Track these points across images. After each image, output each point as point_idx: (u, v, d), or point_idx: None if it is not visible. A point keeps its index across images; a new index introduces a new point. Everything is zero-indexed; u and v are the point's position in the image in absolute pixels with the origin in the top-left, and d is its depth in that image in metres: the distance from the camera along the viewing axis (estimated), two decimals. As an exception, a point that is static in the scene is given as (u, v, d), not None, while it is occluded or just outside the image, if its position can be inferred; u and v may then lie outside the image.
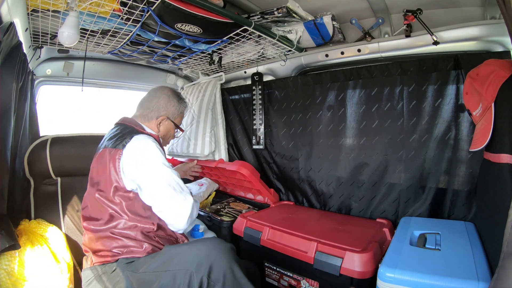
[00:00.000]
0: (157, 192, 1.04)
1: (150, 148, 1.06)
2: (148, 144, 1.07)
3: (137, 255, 1.02)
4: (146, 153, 1.05)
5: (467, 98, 1.01)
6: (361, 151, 1.50)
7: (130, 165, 1.04)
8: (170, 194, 1.03)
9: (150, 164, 1.04)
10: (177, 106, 1.31)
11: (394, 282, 0.84)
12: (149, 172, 1.04)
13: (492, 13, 1.13)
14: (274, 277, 1.30)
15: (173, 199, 1.03)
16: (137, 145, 1.06)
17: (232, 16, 1.17)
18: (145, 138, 1.08)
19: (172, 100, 1.29)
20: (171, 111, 1.29)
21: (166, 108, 1.27)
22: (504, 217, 0.66)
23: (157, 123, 1.25)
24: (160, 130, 1.27)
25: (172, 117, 1.30)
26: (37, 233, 1.11)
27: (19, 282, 0.88)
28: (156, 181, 1.04)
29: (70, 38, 1.03)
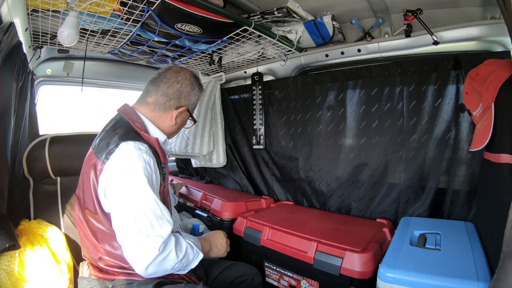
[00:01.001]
0: (121, 222, 0.83)
1: (134, 166, 0.84)
2: (133, 160, 0.84)
3: (135, 278, 0.90)
4: (126, 174, 0.83)
5: (467, 98, 1.01)
6: (361, 151, 1.50)
7: (109, 181, 0.85)
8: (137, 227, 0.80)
9: (127, 187, 0.83)
10: (198, 95, 1.11)
11: (394, 282, 0.84)
12: (122, 192, 0.83)
13: (492, 13, 1.13)
14: (274, 277, 1.30)
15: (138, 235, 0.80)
16: (121, 159, 0.85)
17: (232, 16, 1.17)
18: (133, 150, 0.85)
19: (195, 87, 1.08)
20: (192, 101, 1.09)
21: (188, 98, 1.06)
22: (504, 217, 0.66)
23: (175, 115, 1.03)
24: (176, 123, 1.06)
25: (191, 109, 1.10)
26: (37, 233, 1.11)
27: (19, 282, 0.88)
28: (126, 208, 0.82)
29: (69, 38, 1.03)
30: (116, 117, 1.00)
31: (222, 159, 1.98)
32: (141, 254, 0.80)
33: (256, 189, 1.96)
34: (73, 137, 1.37)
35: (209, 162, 2.00)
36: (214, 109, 1.97)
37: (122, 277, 0.91)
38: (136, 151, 0.85)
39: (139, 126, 0.95)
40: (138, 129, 0.94)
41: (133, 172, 0.83)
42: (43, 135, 1.33)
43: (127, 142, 0.87)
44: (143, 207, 0.82)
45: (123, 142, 0.87)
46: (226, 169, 2.09)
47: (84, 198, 0.92)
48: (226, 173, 2.12)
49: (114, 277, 0.92)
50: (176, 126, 1.07)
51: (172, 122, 1.04)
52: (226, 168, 2.08)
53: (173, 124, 1.05)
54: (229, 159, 2.02)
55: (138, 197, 0.83)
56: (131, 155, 0.85)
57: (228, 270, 1.16)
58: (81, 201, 0.94)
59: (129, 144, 0.86)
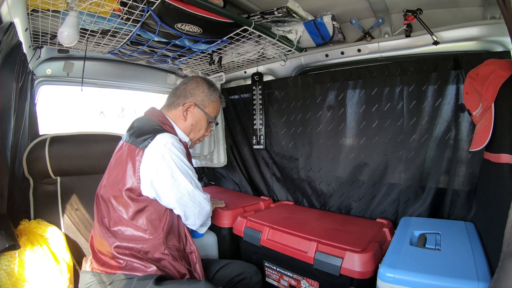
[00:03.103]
0: (179, 201, 1.00)
1: (173, 151, 0.97)
2: (172, 146, 0.98)
3: (135, 273, 0.96)
4: (168, 158, 0.97)
5: (467, 98, 1.01)
6: (361, 151, 1.50)
7: (151, 170, 0.96)
8: (191, 202, 1.02)
9: (172, 172, 0.97)
10: (207, 93, 1.17)
11: (394, 282, 0.84)
12: (171, 181, 0.98)
13: (492, 13, 1.13)
14: (274, 277, 1.30)
15: (194, 206, 1.03)
16: (160, 146, 0.97)
17: (232, 16, 1.17)
18: (169, 138, 0.99)
19: (201, 85, 1.17)
20: (200, 98, 1.16)
21: (193, 94, 1.15)
22: (504, 217, 0.66)
23: (183, 110, 1.13)
24: (187, 120, 1.14)
25: (201, 105, 1.16)
26: (37, 233, 1.11)
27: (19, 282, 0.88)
28: (177, 190, 0.99)
29: (69, 37, 1.03)
30: (145, 117, 1.12)
31: (223, 159, 1.98)
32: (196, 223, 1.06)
33: (256, 189, 1.96)
34: (73, 137, 1.36)
35: (210, 162, 2.00)
36: (214, 109, 1.97)
37: (124, 271, 0.96)
38: (172, 138, 0.99)
39: (168, 126, 1.10)
40: (168, 129, 1.08)
41: (174, 156, 0.97)
42: (43, 135, 1.33)
43: (163, 134, 1.00)
44: (189, 182, 1.00)
45: (159, 134, 0.99)
46: (226, 169, 2.09)
47: (113, 186, 1.01)
48: (225, 174, 2.12)
49: (115, 271, 0.96)
50: (189, 124, 1.15)
51: (183, 119, 1.14)
52: (225, 168, 2.08)
53: (185, 121, 1.14)
54: (229, 159, 2.02)
55: (183, 175, 0.99)
56: (171, 141, 0.98)
57: (226, 269, 1.16)
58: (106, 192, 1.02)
59: (165, 135, 1.00)
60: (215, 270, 1.15)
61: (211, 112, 1.19)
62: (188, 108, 1.14)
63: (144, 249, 0.98)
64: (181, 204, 1.01)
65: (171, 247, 1.02)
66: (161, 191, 0.98)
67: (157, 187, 0.97)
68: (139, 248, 0.97)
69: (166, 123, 1.10)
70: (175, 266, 1.00)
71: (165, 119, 1.12)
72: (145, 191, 0.97)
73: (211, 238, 1.53)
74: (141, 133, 1.01)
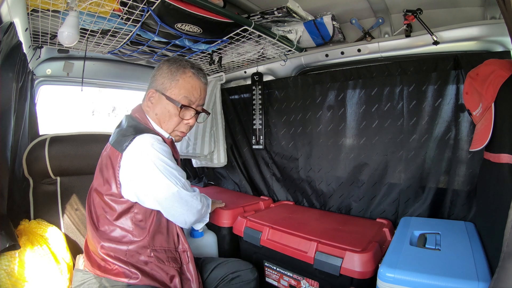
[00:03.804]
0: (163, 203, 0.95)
1: (152, 153, 0.91)
2: (151, 148, 0.91)
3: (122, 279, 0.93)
4: (147, 161, 0.90)
5: (467, 98, 1.01)
6: (361, 151, 1.50)
7: (130, 174, 0.92)
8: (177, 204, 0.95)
9: (152, 175, 0.91)
10: (167, 73, 1.00)
11: (394, 282, 0.84)
12: (152, 184, 0.92)
13: (492, 13, 1.13)
14: (274, 277, 1.30)
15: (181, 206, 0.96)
16: (138, 149, 0.91)
17: (232, 16, 1.17)
18: (148, 138, 0.92)
19: (161, 67, 1.03)
20: (159, 81, 1.01)
21: (154, 79, 1.03)
22: (504, 217, 0.66)
23: (147, 100, 1.03)
24: (152, 110, 1.02)
25: (161, 89, 1.01)
26: (37, 233, 1.11)
27: (19, 282, 0.88)
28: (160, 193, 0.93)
29: (69, 38, 1.03)
30: (128, 117, 1.06)
31: (223, 159, 1.98)
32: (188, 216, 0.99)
33: (255, 189, 1.96)
34: (73, 137, 1.36)
35: (210, 162, 2.00)
36: (215, 109, 1.97)
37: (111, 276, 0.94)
38: (152, 139, 0.92)
39: (148, 123, 1.03)
40: (149, 126, 1.02)
41: (154, 154, 0.90)
42: (43, 135, 1.33)
43: (143, 134, 0.93)
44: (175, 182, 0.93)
45: (139, 135, 0.93)
46: (226, 169, 2.09)
47: (98, 187, 0.98)
48: (225, 174, 2.12)
49: (104, 273, 0.94)
50: (154, 114, 1.02)
51: (151, 110, 1.03)
52: (225, 168, 2.08)
53: (152, 112, 1.03)
54: (229, 159, 2.02)
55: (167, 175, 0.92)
56: (149, 142, 0.91)
57: (222, 266, 1.15)
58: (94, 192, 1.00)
59: (145, 136, 0.93)
60: (211, 268, 1.14)
61: (175, 94, 1.00)
62: (150, 97, 1.02)
63: (129, 251, 0.95)
64: (165, 207, 0.96)
65: (158, 249, 0.98)
66: (142, 195, 0.94)
67: (138, 191, 0.93)
68: (124, 250, 0.95)
69: (143, 119, 1.03)
70: (163, 269, 0.97)
71: (143, 114, 1.03)
72: (127, 195, 0.94)
73: (211, 238, 1.53)
74: (122, 134, 0.96)
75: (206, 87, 1.08)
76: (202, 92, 1.06)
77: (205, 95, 1.08)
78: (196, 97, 1.04)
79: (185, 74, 1.01)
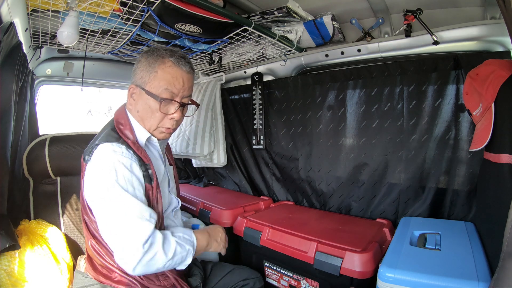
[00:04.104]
0: (104, 224, 0.82)
1: (108, 168, 0.81)
2: (107, 161, 0.82)
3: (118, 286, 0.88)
4: (101, 176, 0.81)
5: (467, 98, 1.01)
6: (361, 151, 1.50)
7: (89, 190, 0.85)
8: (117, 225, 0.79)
9: (102, 191, 0.81)
10: (145, 65, 0.90)
11: (394, 282, 0.84)
12: (99, 196, 0.82)
13: (492, 13, 1.13)
14: (274, 277, 1.30)
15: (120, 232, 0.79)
16: (96, 162, 0.83)
17: (232, 16, 1.17)
18: (108, 152, 0.83)
19: (139, 60, 0.93)
20: (139, 75, 0.91)
21: (133, 74, 0.94)
22: (504, 217, 0.66)
23: (129, 97, 0.94)
24: (134, 107, 0.93)
25: (141, 84, 0.90)
26: (37, 233, 1.11)
27: (19, 282, 0.88)
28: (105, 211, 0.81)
29: (69, 37, 1.03)
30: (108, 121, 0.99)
31: (223, 159, 1.98)
32: (126, 256, 0.78)
33: (255, 189, 1.96)
34: (73, 137, 1.36)
35: (210, 162, 2.00)
36: (215, 109, 1.97)
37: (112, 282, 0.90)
38: (110, 153, 0.83)
39: (122, 124, 0.91)
40: (121, 128, 0.90)
41: (107, 174, 0.80)
42: (43, 135, 1.33)
43: (105, 143, 0.84)
44: (121, 209, 0.79)
45: (102, 143, 0.85)
46: (226, 169, 2.09)
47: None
48: (225, 174, 2.12)
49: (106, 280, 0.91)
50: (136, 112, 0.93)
51: (133, 108, 0.94)
52: (225, 168, 2.08)
53: (133, 108, 0.93)
54: (229, 159, 2.02)
55: (114, 198, 0.80)
56: (106, 157, 0.82)
57: (231, 275, 1.13)
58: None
59: (106, 146, 0.84)
60: (220, 276, 1.12)
61: (155, 87, 0.89)
62: (132, 93, 0.94)
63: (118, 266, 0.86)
64: (109, 233, 0.81)
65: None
66: (96, 215, 0.84)
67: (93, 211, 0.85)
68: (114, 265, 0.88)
69: (122, 121, 0.93)
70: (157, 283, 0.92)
71: (124, 115, 0.94)
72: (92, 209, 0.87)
73: None
74: (91, 142, 0.89)
75: (190, 76, 0.94)
76: (185, 82, 0.92)
77: (190, 85, 0.95)
78: (179, 88, 0.91)
79: (164, 64, 0.89)
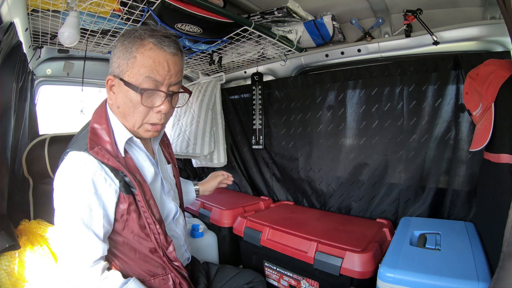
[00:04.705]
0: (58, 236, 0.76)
1: (67, 183, 0.73)
2: (68, 174, 0.73)
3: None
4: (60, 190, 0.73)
5: (467, 98, 1.01)
6: (361, 151, 1.50)
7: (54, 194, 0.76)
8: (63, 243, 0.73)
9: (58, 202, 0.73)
10: (121, 50, 0.76)
11: (394, 282, 0.84)
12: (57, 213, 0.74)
13: (492, 13, 1.13)
14: (274, 277, 1.30)
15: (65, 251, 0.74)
16: (61, 172, 0.75)
17: (232, 16, 1.17)
18: (73, 163, 0.73)
19: (117, 42, 0.78)
20: (116, 64, 0.77)
21: (111, 61, 0.79)
22: (504, 217, 0.66)
23: (109, 91, 0.81)
24: (114, 102, 0.80)
25: (119, 74, 0.77)
26: (37, 233, 1.10)
27: (19, 282, 0.88)
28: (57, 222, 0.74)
29: (70, 38, 1.03)
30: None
31: (223, 159, 1.98)
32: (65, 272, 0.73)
33: (255, 189, 1.96)
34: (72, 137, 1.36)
35: (210, 162, 2.00)
36: (215, 109, 1.97)
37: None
38: (71, 166, 0.73)
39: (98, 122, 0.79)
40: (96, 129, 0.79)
41: (64, 190, 0.73)
42: (42, 135, 1.33)
43: (73, 152, 0.74)
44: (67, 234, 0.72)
45: (72, 151, 0.75)
46: (226, 169, 2.08)
47: None
48: (225, 174, 2.12)
49: None
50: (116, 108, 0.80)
51: (112, 101, 0.80)
52: (225, 169, 2.08)
53: (114, 104, 0.80)
54: (229, 159, 2.02)
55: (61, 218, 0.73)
56: (69, 169, 0.74)
57: (235, 278, 1.09)
58: None
59: (73, 155, 0.74)
60: (225, 280, 1.09)
61: (134, 75, 0.74)
62: (111, 86, 0.79)
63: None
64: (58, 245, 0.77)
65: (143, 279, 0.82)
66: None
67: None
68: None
69: (98, 119, 0.81)
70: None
71: (102, 112, 0.82)
72: None
73: (211, 238, 1.53)
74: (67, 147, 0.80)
75: (178, 58, 0.78)
76: (171, 66, 0.76)
77: (178, 69, 0.79)
78: (163, 75, 0.75)
79: (144, 47, 0.74)
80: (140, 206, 0.79)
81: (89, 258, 0.73)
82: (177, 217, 0.98)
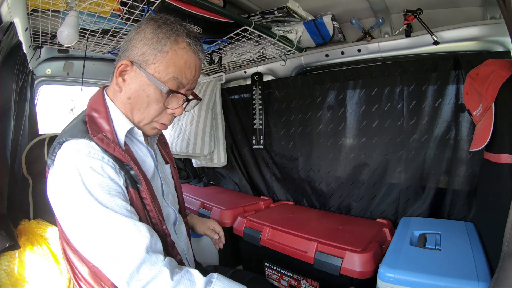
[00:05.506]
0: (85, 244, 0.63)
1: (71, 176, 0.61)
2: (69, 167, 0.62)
3: None
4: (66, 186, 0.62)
5: (467, 98, 1.01)
6: (361, 151, 1.50)
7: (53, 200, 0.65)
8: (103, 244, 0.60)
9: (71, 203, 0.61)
10: (151, 39, 0.67)
11: (394, 282, 0.84)
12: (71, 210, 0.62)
13: (492, 13, 1.13)
14: (274, 277, 1.30)
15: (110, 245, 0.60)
16: (59, 166, 0.64)
17: (232, 16, 1.17)
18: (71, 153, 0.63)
19: (145, 26, 0.69)
20: (140, 50, 0.68)
21: (131, 44, 0.70)
22: (504, 217, 0.66)
23: (118, 76, 0.71)
24: (123, 91, 0.71)
25: (141, 62, 0.68)
26: (36, 233, 1.10)
27: (19, 282, 0.88)
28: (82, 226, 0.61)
29: (69, 37, 1.03)
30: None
31: (223, 159, 1.98)
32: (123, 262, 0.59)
33: (255, 189, 1.96)
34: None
35: (210, 162, 2.00)
36: (215, 109, 1.97)
37: None
38: (73, 155, 0.63)
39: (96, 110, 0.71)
40: (94, 117, 0.69)
41: (72, 184, 0.61)
42: (42, 134, 1.33)
43: (69, 141, 0.64)
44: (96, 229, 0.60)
45: (66, 140, 0.65)
46: (226, 169, 2.09)
47: None
48: (225, 174, 2.12)
49: None
50: (125, 97, 0.71)
51: (119, 91, 0.71)
52: (225, 168, 2.08)
53: (121, 93, 0.71)
54: (229, 159, 2.02)
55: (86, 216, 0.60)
56: (68, 160, 0.63)
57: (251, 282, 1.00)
58: None
59: (69, 144, 0.64)
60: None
61: (160, 71, 0.68)
62: (123, 71, 0.70)
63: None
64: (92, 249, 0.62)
65: None
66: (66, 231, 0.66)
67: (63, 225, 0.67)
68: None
69: (96, 107, 0.71)
70: None
71: (101, 100, 0.73)
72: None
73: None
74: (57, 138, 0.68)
75: (201, 64, 0.76)
76: (197, 72, 0.74)
77: (198, 76, 0.76)
78: (189, 79, 0.72)
79: (178, 44, 0.68)
80: (146, 204, 0.71)
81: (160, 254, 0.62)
82: (178, 224, 0.86)
